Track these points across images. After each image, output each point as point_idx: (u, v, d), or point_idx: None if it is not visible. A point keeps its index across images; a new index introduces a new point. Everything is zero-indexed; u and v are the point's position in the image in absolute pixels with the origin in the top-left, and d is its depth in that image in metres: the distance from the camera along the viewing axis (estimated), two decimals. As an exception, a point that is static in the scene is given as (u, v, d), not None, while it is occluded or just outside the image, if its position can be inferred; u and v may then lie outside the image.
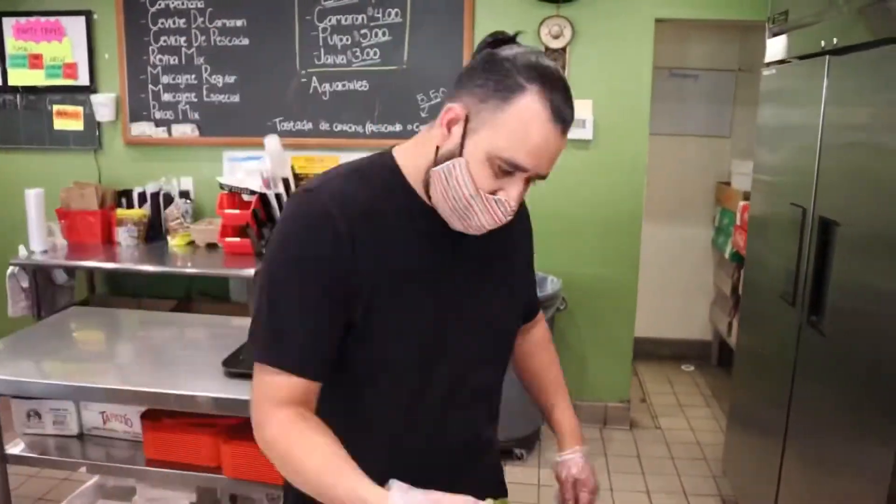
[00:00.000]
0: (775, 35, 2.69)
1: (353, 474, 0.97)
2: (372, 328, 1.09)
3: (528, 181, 1.06)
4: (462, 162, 1.03)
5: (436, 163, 1.06)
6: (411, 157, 1.13)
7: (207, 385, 1.93)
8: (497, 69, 1.01)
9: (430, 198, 1.10)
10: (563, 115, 1.01)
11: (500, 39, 1.07)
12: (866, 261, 1.93)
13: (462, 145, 1.03)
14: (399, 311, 1.10)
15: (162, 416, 2.06)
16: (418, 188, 1.12)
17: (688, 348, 4.96)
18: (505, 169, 1.02)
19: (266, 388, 1.06)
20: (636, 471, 3.43)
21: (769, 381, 2.60)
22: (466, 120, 1.03)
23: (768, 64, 2.75)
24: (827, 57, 2.17)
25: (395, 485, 0.95)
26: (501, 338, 1.27)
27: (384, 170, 1.13)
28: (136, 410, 2.13)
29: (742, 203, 3.95)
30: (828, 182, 2.17)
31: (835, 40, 2.12)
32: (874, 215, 1.88)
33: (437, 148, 1.06)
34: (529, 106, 0.99)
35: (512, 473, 3.32)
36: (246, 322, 2.51)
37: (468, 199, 1.04)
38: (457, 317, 1.16)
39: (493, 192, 1.04)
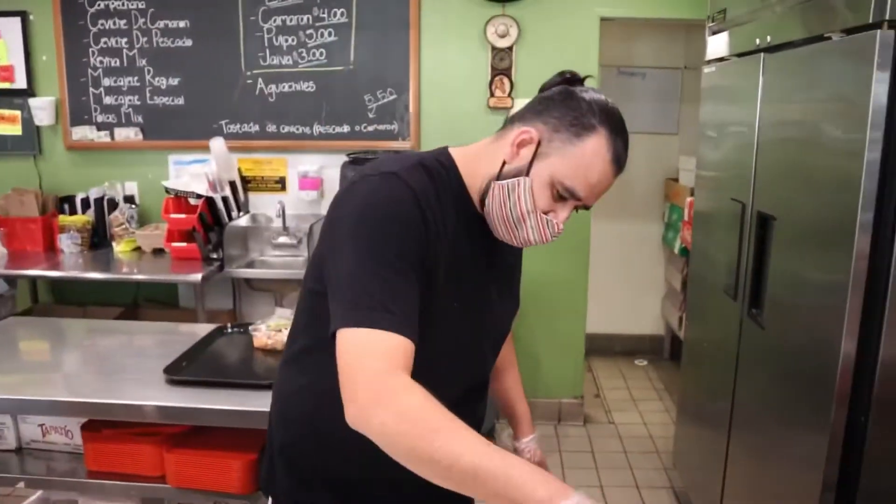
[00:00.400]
0: (715, 33, 2.74)
1: (520, 459, 0.92)
2: (421, 310, 1.08)
3: (574, 208, 1.18)
4: (528, 181, 1.13)
5: (499, 176, 1.15)
6: (470, 163, 1.20)
7: (150, 393, 1.89)
8: (575, 106, 1.12)
9: (481, 205, 1.18)
10: (621, 161, 1.14)
11: (573, 79, 1.18)
12: (800, 254, 1.98)
13: (530, 166, 1.13)
14: (447, 300, 1.15)
15: (103, 426, 2.01)
16: (472, 193, 1.20)
17: (641, 343, 5.03)
18: (562, 194, 1.13)
19: (386, 353, 0.98)
20: (590, 466, 3.47)
21: (714, 375, 2.65)
22: (538, 144, 1.12)
23: (709, 62, 2.80)
24: (762, 54, 2.22)
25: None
26: (502, 340, 1.40)
27: (444, 169, 1.19)
28: (77, 422, 2.08)
29: (689, 199, 4.01)
30: (765, 177, 2.22)
31: (768, 38, 2.17)
32: (807, 209, 1.92)
33: (504, 163, 1.15)
34: (598, 145, 1.11)
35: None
36: (194, 328, 2.49)
37: (524, 214, 1.14)
38: (483, 317, 1.26)
39: (545, 213, 1.15)
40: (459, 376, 1.26)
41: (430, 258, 1.10)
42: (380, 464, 0.97)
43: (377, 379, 0.96)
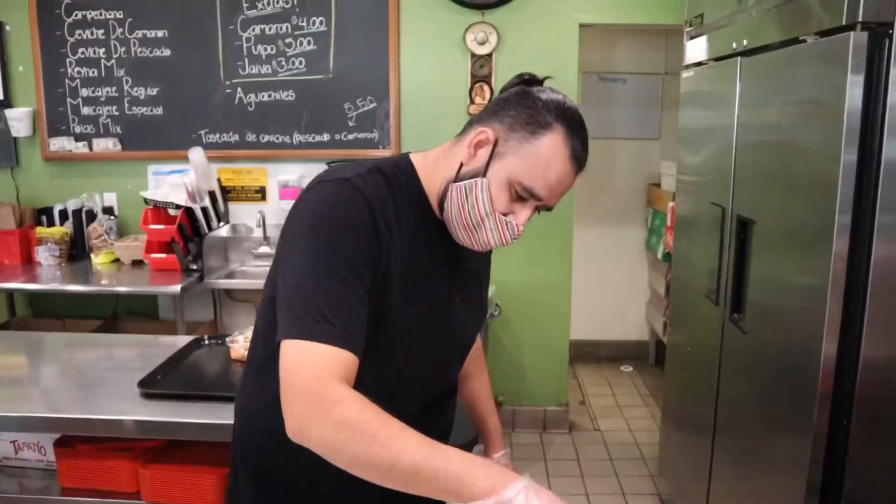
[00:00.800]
0: (693, 38, 2.74)
1: (461, 452, 0.93)
2: (376, 319, 1.08)
3: (535, 209, 1.15)
4: (484, 182, 1.11)
5: (457, 178, 1.14)
6: (429, 168, 1.19)
7: (125, 408, 1.85)
8: (530, 104, 1.11)
9: (441, 209, 1.17)
10: (580, 157, 1.12)
11: (531, 80, 1.17)
12: (779, 257, 1.97)
13: (487, 167, 1.11)
14: (406, 308, 1.14)
15: (76, 442, 1.97)
16: (431, 198, 1.18)
17: (626, 349, 5.02)
18: (521, 195, 1.11)
19: (324, 366, 0.98)
20: (575, 473, 3.44)
21: (698, 380, 2.64)
22: (495, 144, 1.11)
23: (687, 66, 2.81)
24: (738, 58, 2.22)
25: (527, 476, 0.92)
26: (468, 347, 1.37)
27: (403, 174, 1.18)
28: (50, 438, 2.04)
29: (671, 204, 4.01)
30: (744, 181, 2.21)
31: (745, 42, 2.17)
32: (785, 212, 1.92)
33: (461, 165, 1.14)
34: (554, 143, 1.09)
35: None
36: (174, 340, 2.45)
37: (482, 216, 1.13)
38: (446, 324, 1.24)
39: (505, 214, 1.13)
40: (422, 384, 1.25)
41: (384, 266, 1.08)
42: (344, 474, 0.96)
43: (312, 392, 0.95)
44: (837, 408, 1.72)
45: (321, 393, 0.95)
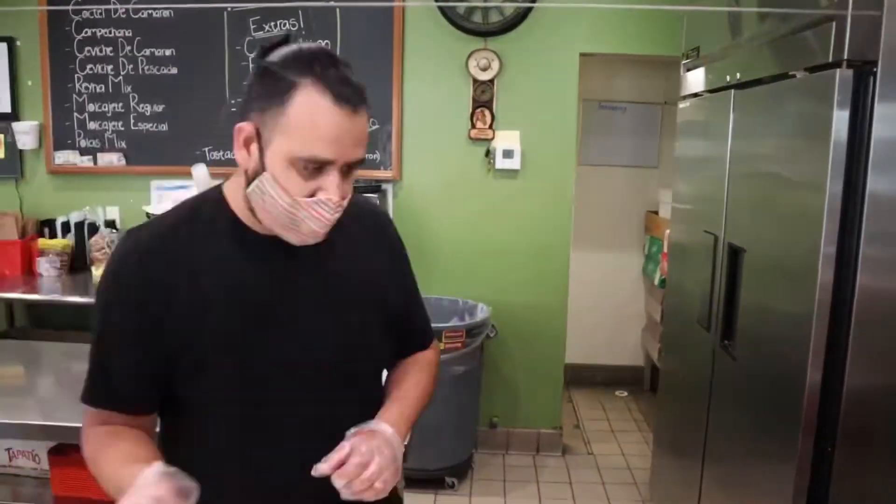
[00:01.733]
0: (689, 70, 2.79)
1: (134, 464, 1.03)
2: (196, 363, 1.11)
3: (343, 172, 1.05)
4: (267, 176, 1.04)
5: (248, 184, 1.07)
6: (234, 188, 1.14)
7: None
8: (268, 74, 1.02)
9: (260, 221, 1.11)
10: (344, 95, 1.00)
11: (270, 46, 1.06)
12: (768, 286, 2.01)
13: (262, 160, 1.04)
14: (225, 343, 1.11)
15: (71, 450, 1.99)
16: (246, 215, 1.13)
17: (621, 374, 5.03)
18: (311, 167, 1.02)
19: (86, 418, 1.19)
20: (567, 497, 3.45)
21: (689, 406, 2.66)
22: (259, 135, 1.03)
23: (684, 97, 2.86)
24: (732, 91, 2.27)
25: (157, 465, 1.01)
26: (349, 363, 1.20)
27: (210, 203, 1.16)
28: (45, 446, 2.06)
29: (668, 231, 4.05)
30: (735, 210, 2.25)
31: (738, 75, 2.22)
32: (774, 242, 1.96)
33: (246, 170, 1.08)
34: (307, 98, 0.99)
35: (443, 503, 3.30)
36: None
37: (287, 208, 1.04)
38: (290, 342, 1.14)
39: (313, 195, 1.04)
40: (264, 418, 1.15)
41: (175, 317, 1.10)
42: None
43: (81, 439, 1.19)
44: (821, 436, 1.74)
45: (81, 442, 1.18)
